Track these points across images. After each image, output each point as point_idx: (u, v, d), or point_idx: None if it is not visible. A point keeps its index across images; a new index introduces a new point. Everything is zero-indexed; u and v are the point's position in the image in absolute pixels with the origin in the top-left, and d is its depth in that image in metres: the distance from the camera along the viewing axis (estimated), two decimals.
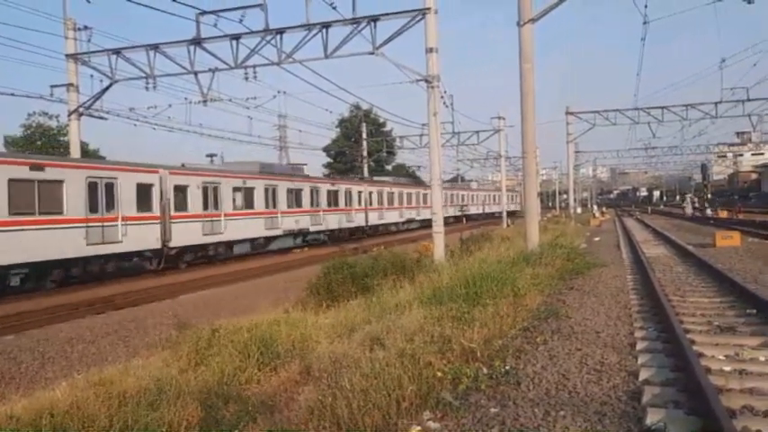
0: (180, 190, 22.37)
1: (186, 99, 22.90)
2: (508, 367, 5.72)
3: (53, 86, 21.73)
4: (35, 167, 17.01)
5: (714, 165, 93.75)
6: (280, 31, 18.45)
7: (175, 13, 39.74)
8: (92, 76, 21.27)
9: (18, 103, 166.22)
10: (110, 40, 26.55)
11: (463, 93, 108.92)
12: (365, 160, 48.18)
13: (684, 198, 61.88)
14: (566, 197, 68.11)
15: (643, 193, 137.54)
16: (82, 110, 21.96)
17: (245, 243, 26.31)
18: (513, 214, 56.06)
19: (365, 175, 46.02)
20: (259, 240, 27.41)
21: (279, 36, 18.49)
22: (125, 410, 5.00)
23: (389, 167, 66.73)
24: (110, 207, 19.04)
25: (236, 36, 18.86)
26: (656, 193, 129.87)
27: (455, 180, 68.83)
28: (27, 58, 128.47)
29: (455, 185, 63.58)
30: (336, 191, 35.20)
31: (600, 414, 4.49)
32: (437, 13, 16.54)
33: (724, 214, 43.96)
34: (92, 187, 18.47)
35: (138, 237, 20.06)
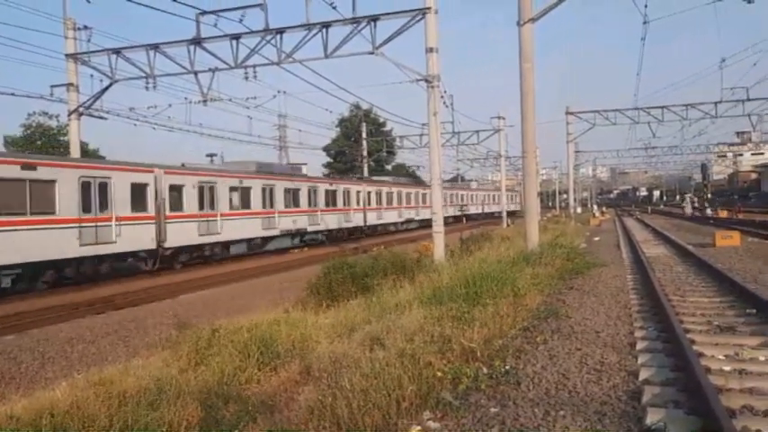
0: (175, 190, 22.19)
1: (186, 99, 22.90)
2: (508, 367, 5.72)
3: (53, 86, 21.78)
4: (27, 167, 16.77)
5: (714, 165, 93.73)
6: (280, 31, 18.46)
7: (175, 12, 39.64)
8: (92, 75, 21.32)
9: (18, 102, 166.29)
10: (110, 39, 26.48)
11: (463, 93, 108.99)
12: (365, 160, 48.18)
13: (684, 198, 61.93)
14: (566, 197, 68.14)
15: (643, 192, 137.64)
16: (82, 110, 21.97)
17: (241, 243, 26.12)
18: (513, 214, 56.05)
19: (365, 174, 45.99)
20: (256, 241, 27.23)
21: (279, 36, 18.50)
22: (125, 410, 5.00)
23: (389, 167, 66.74)
24: (103, 207, 18.84)
25: (236, 36, 18.87)
26: (656, 193, 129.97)
27: (455, 180, 68.81)
28: (27, 58, 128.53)
29: (455, 185, 63.55)
30: (334, 191, 35.03)
31: (600, 414, 4.49)
32: (437, 13, 16.55)
33: (724, 214, 43.98)
34: (85, 187, 18.29)
35: (133, 237, 19.88)
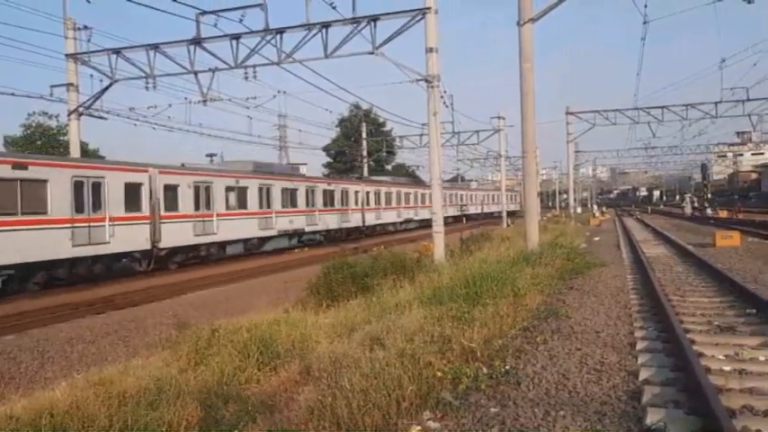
0: (170, 189, 21.92)
1: (186, 99, 22.86)
2: (508, 367, 5.72)
3: (53, 86, 21.76)
4: (18, 166, 16.52)
5: (714, 164, 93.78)
6: (280, 31, 18.46)
7: (175, 13, 39.71)
8: (92, 75, 21.32)
9: (18, 102, 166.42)
10: (110, 39, 26.50)
11: (463, 93, 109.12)
12: (365, 160, 48.18)
13: (684, 198, 61.94)
14: (566, 197, 68.14)
15: (643, 192, 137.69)
16: (82, 110, 21.96)
17: (238, 244, 25.89)
18: (513, 214, 56.06)
19: (365, 174, 45.97)
20: (253, 241, 26.98)
21: (279, 36, 18.50)
22: (125, 410, 5.00)
23: (389, 167, 66.77)
24: (96, 207, 18.62)
25: (236, 36, 18.87)
26: (656, 193, 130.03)
27: (455, 180, 68.84)
28: (27, 58, 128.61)
29: (454, 185, 63.55)
30: (333, 190, 34.83)
31: (600, 414, 4.49)
32: (437, 13, 16.55)
33: (724, 214, 43.99)
34: (78, 187, 18.06)
35: (127, 237, 19.66)
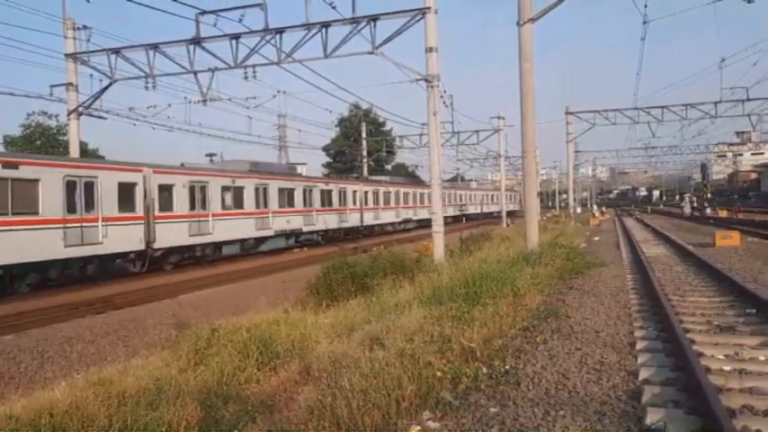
0: (165, 189, 21.62)
1: (186, 99, 22.86)
2: (508, 367, 5.72)
3: (52, 86, 21.76)
4: (8, 165, 16.21)
5: (714, 164, 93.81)
6: (279, 31, 18.47)
7: (175, 12, 39.73)
8: (91, 75, 21.30)
9: (18, 102, 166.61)
10: (109, 39, 26.60)
11: (463, 93, 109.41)
12: (365, 160, 48.17)
13: (683, 198, 61.97)
14: (565, 197, 68.14)
15: (643, 192, 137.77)
16: (81, 109, 21.96)
17: (234, 244, 25.62)
18: (513, 214, 56.07)
19: (365, 174, 45.96)
20: (249, 241, 26.74)
21: (278, 36, 18.50)
22: (124, 410, 5.00)
23: (389, 167, 66.78)
24: (89, 207, 18.35)
25: (236, 36, 18.87)
26: (656, 193, 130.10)
27: (455, 180, 68.85)
28: (27, 57, 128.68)
29: (454, 185, 63.56)
30: (330, 190, 34.67)
31: (600, 414, 4.49)
32: (437, 13, 16.56)
33: (723, 214, 44.00)
34: (70, 186, 17.80)
35: (120, 238, 19.40)
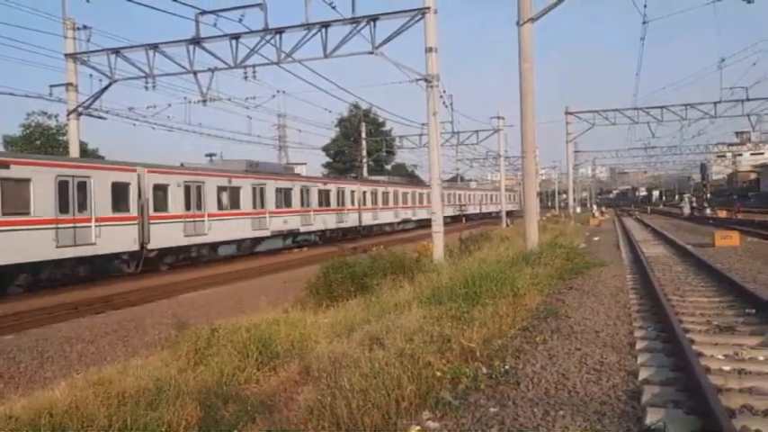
0: (160, 189, 21.48)
1: (185, 99, 22.82)
2: (507, 367, 5.72)
3: (52, 86, 21.76)
4: None
5: (713, 164, 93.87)
6: (279, 31, 18.47)
7: (175, 12, 39.58)
8: (91, 75, 21.32)
9: (17, 102, 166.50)
10: (109, 39, 26.52)
11: (463, 93, 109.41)
12: (364, 160, 48.17)
13: (683, 198, 62.01)
14: (565, 197, 68.16)
15: (642, 192, 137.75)
16: (81, 109, 21.95)
17: (230, 245, 25.44)
18: (512, 214, 56.07)
19: (365, 174, 45.94)
20: (246, 242, 26.56)
21: (278, 36, 18.51)
22: (124, 410, 5.00)
23: (389, 167, 66.80)
24: (82, 207, 18.22)
25: (236, 36, 18.87)
26: (656, 193, 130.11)
27: (454, 180, 68.87)
28: (27, 57, 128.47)
29: (453, 185, 63.59)
30: (328, 190, 34.53)
31: (599, 414, 4.49)
32: (437, 13, 16.57)
33: (723, 214, 44.01)
34: (62, 186, 17.63)
35: (114, 238, 19.22)
